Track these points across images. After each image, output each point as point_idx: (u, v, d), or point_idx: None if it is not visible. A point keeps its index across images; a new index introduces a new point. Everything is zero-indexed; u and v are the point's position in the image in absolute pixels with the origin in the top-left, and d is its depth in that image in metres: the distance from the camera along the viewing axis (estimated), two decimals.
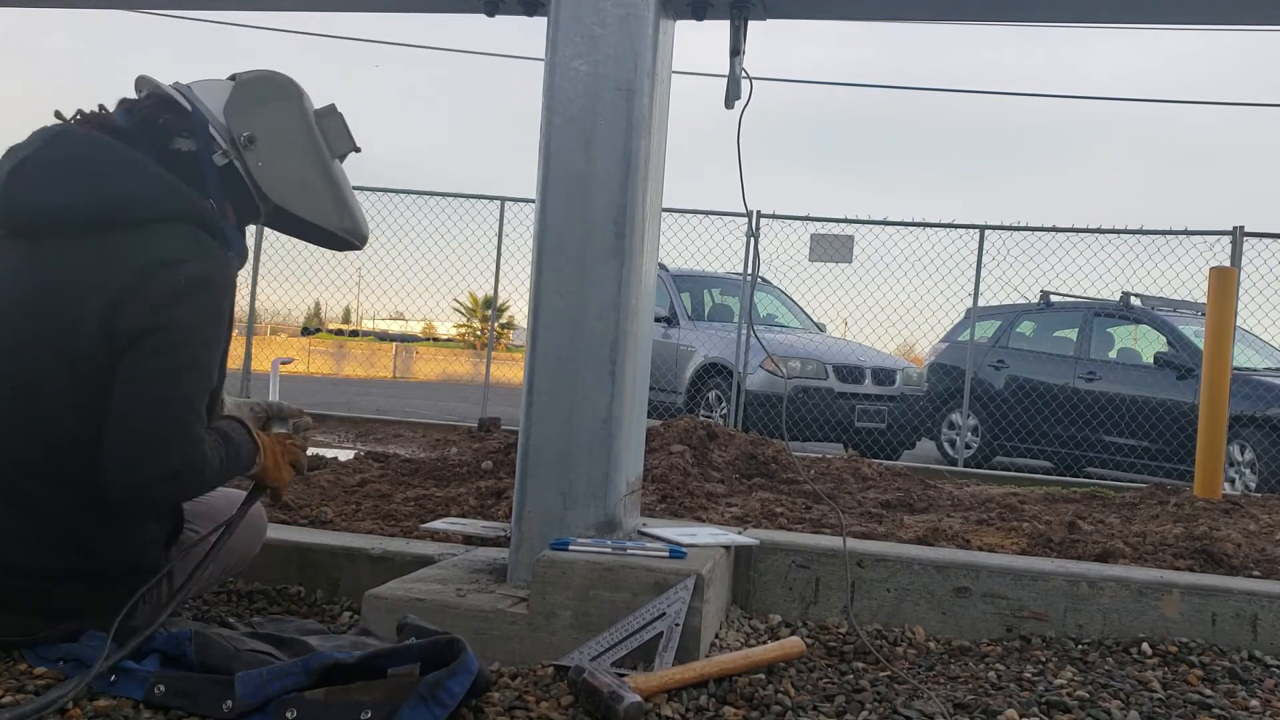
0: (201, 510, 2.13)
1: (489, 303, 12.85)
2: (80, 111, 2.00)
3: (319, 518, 3.04)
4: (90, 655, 1.79)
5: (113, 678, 1.75)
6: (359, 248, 2.22)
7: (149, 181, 1.90)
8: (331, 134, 2.14)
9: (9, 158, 1.91)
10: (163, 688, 1.72)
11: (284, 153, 2.06)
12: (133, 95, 2.06)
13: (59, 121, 1.98)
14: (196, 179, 1.98)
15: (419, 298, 10.74)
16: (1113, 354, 9.41)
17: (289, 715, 1.62)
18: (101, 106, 2.02)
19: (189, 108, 2.00)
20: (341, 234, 2.15)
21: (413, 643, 1.76)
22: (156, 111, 2.01)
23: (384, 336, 32.82)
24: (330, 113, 2.16)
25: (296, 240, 2.28)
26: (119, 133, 1.96)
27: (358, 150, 2.20)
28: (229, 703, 1.66)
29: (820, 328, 10.49)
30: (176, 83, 2.07)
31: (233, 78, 2.09)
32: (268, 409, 2.20)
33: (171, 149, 2.00)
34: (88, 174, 1.88)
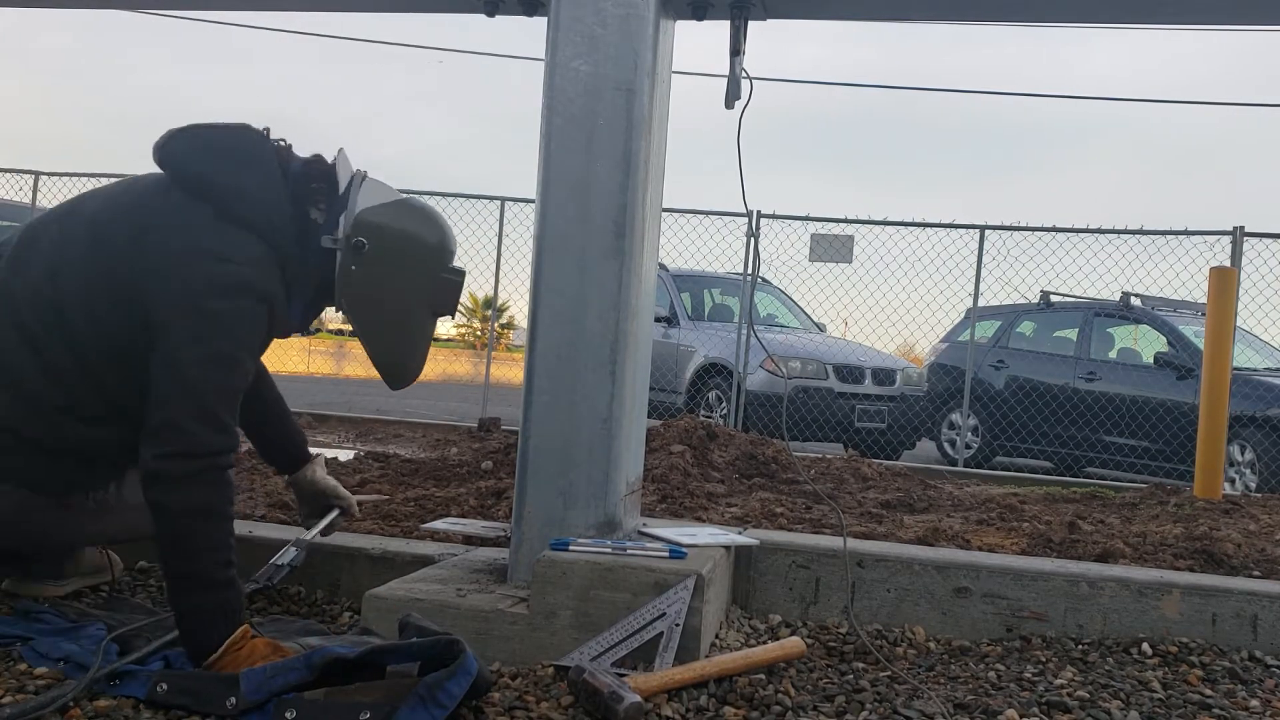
0: None
1: (489, 303, 12.86)
2: (279, 139, 2.14)
3: None
4: (90, 657, 1.79)
5: (114, 680, 1.75)
6: (392, 389, 2.28)
7: (269, 199, 2.01)
8: (439, 292, 2.18)
9: (201, 126, 2.08)
10: (165, 686, 1.72)
11: (380, 276, 2.11)
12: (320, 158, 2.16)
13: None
14: (303, 243, 2.07)
15: None
16: (1113, 354, 9.41)
17: (289, 715, 1.62)
18: (289, 146, 2.15)
19: (341, 189, 2.11)
20: (383, 369, 2.21)
21: (414, 641, 1.76)
22: (321, 177, 2.12)
23: None
24: (454, 273, 2.21)
25: None
26: (284, 169, 2.08)
27: (452, 316, 2.28)
28: (233, 699, 1.66)
29: (820, 328, 10.49)
30: (360, 170, 2.17)
31: (407, 196, 2.19)
32: (333, 495, 2.49)
33: (305, 211, 2.09)
34: (237, 159, 2.02)
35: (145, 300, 1.89)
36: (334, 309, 2.18)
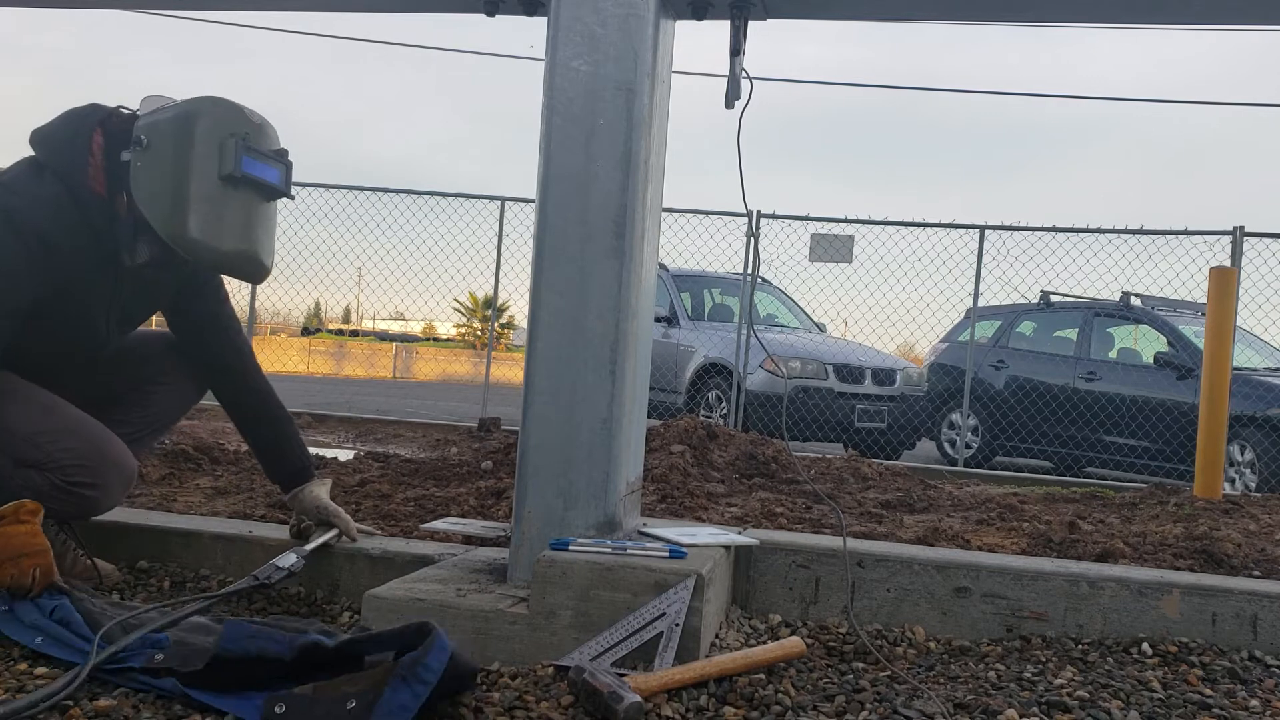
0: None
1: (489, 303, 12.85)
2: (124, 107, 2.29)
3: None
4: (64, 631, 1.83)
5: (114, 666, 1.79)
6: (253, 283, 2.36)
7: (72, 147, 2.20)
8: (224, 156, 2.17)
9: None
10: (161, 655, 1.78)
11: (158, 161, 2.16)
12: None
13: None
14: (117, 174, 2.21)
15: (419, 298, 10.80)
16: (1113, 354, 9.41)
17: (278, 710, 1.63)
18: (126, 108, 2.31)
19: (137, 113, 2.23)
20: (221, 268, 2.32)
21: (384, 630, 1.78)
22: (131, 123, 2.23)
23: (384, 336, 32.83)
24: (247, 137, 2.20)
25: (296, 240, 2.35)
26: (106, 129, 2.24)
27: (236, 175, 2.18)
28: (210, 638, 1.77)
29: (820, 328, 10.50)
30: (157, 97, 2.28)
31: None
32: (324, 513, 2.54)
33: (117, 153, 2.23)
34: (59, 123, 2.27)
35: None
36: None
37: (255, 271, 2.28)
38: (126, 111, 2.27)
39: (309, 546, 2.46)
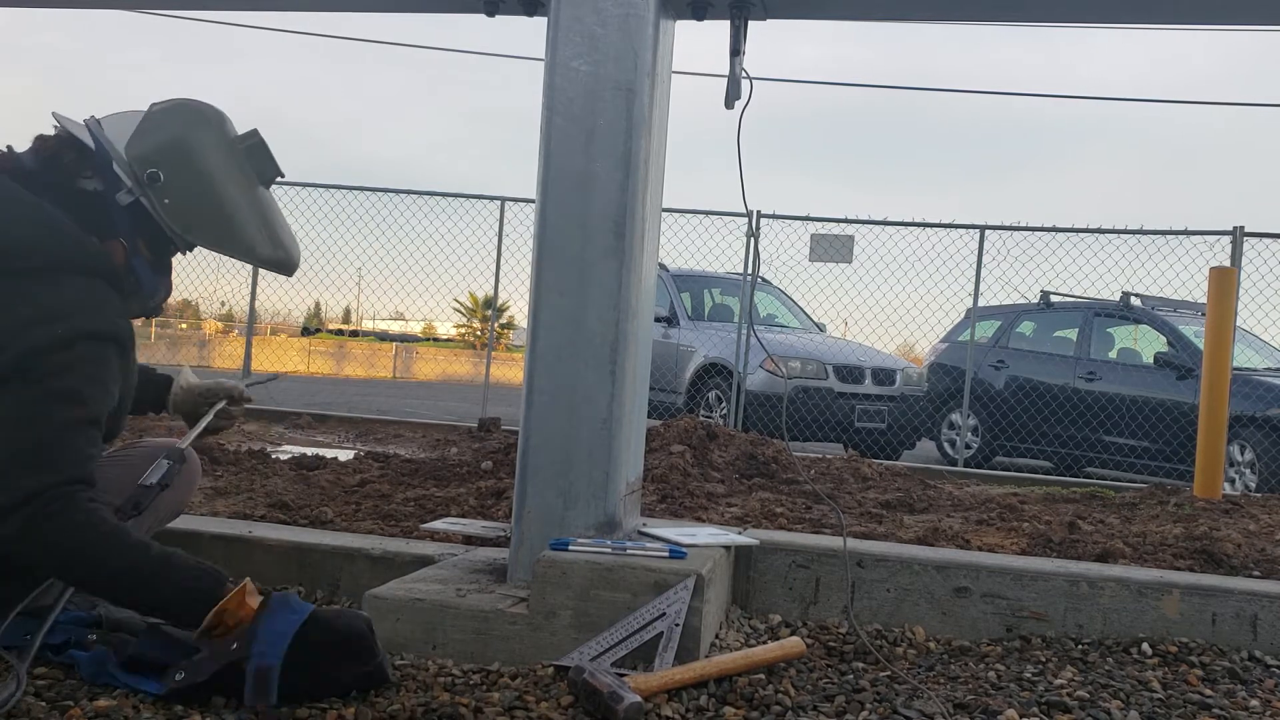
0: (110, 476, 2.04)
1: (489, 303, 12.86)
2: None
3: (319, 518, 3.04)
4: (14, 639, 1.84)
5: (28, 635, 1.81)
6: (288, 275, 2.19)
7: (43, 228, 1.85)
8: (253, 161, 2.08)
9: None
10: (94, 636, 1.84)
11: (193, 188, 1.98)
12: (50, 132, 2.00)
13: None
14: (104, 220, 1.94)
15: (419, 298, 10.78)
16: (1113, 354, 9.41)
17: (177, 677, 1.69)
18: (10, 147, 1.98)
19: (92, 146, 1.94)
20: (264, 266, 2.12)
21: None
22: (61, 151, 1.96)
23: (384, 336, 32.82)
24: (250, 138, 2.09)
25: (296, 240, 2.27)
26: (25, 174, 1.91)
27: (282, 175, 2.14)
28: (130, 651, 1.78)
29: (820, 328, 10.49)
30: (90, 117, 2.00)
31: (152, 107, 2.03)
32: (215, 392, 2.32)
33: (78, 189, 1.95)
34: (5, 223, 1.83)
35: None
36: (183, 251, 2.07)
37: (296, 259, 2.18)
38: (9, 151, 1.97)
39: (183, 444, 2.26)
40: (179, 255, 2.11)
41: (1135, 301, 9.28)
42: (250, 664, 1.64)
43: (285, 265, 2.13)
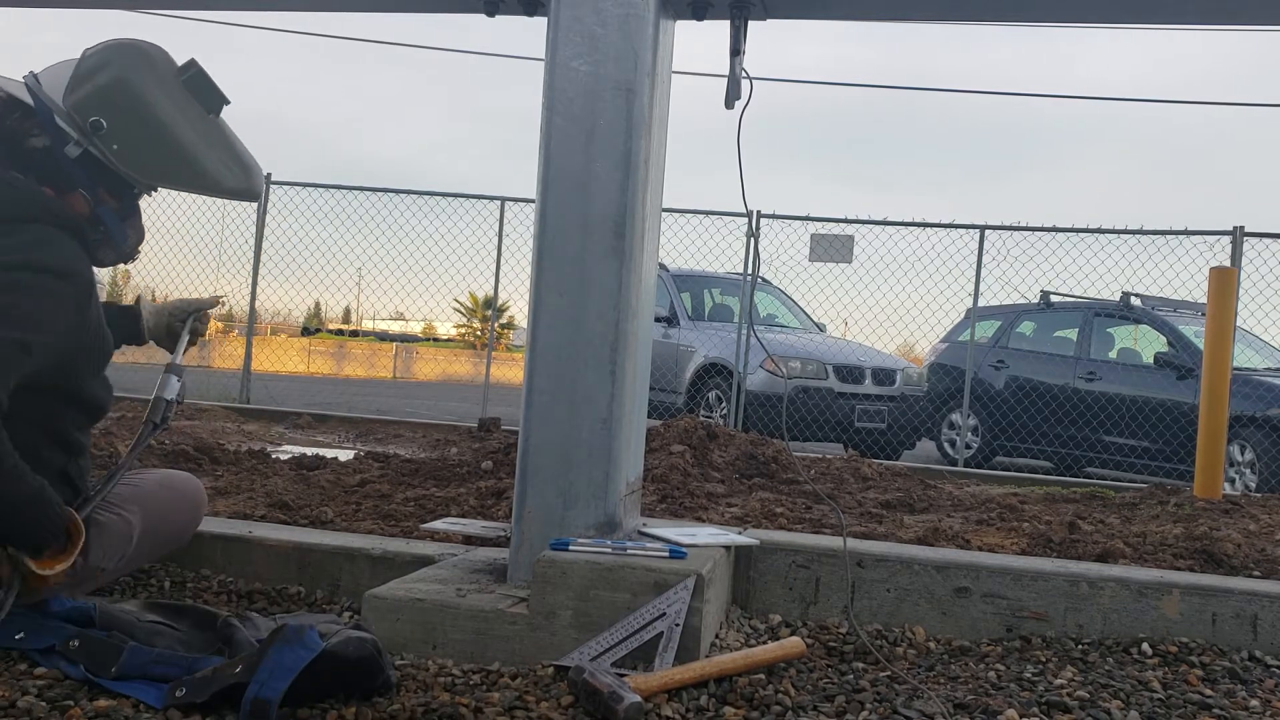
0: (128, 494, 2.14)
1: (489, 303, 12.86)
2: None
3: (319, 518, 3.04)
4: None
5: (19, 635, 1.84)
6: (253, 201, 2.19)
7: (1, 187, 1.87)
8: (196, 93, 2.05)
9: None
10: (76, 643, 1.82)
11: (139, 130, 1.96)
12: None
13: None
14: (59, 175, 1.95)
15: (419, 298, 10.82)
16: (1113, 354, 9.41)
17: (179, 693, 1.69)
18: None
19: (32, 103, 1.94)
20: (234, 197, 2.12)
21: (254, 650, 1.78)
22: (4, 114, 1.96)
23: (384, 336, 32.84)
24: (188, 69, 2.06)
25: (296, 240, 2.29)
26: None
27: (228, 102, 2.10)
28: (114, 668, 1.77)
29: (820, 328, 10.50)
30: (29, 74, 2.00)
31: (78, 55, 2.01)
32: (187, 308, 2.36)
33: (27, 148, 1.95)
34: None
35: None
36: (147, 193, 2.07)
37: (261, 183, 2.19)
38: None
39: (176, 356, 2.30)
40: (146, 197, 2.11)
41: (1135, 301, 9.28)
42: (249, 690, 1.62)
43: (247, 194, 2.13)
